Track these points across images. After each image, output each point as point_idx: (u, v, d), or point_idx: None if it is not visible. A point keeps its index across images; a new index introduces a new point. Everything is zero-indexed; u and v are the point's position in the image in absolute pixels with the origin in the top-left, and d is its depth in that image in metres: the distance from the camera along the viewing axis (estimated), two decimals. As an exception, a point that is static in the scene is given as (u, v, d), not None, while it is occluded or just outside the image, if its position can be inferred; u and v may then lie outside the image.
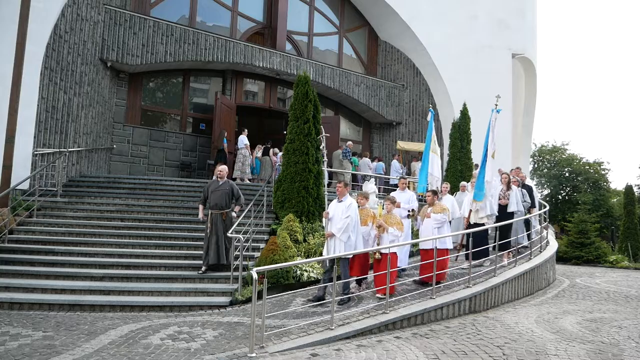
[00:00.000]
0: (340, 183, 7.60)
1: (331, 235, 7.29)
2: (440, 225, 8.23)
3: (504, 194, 9.59)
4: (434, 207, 8.33)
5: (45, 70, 11.23)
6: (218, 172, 8.97)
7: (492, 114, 9.74)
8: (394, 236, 7.39)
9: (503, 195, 9.59)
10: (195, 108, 16.38)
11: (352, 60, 19.84)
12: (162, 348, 5.46)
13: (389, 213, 7.66)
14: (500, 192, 9.64)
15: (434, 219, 8.22)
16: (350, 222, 7.20)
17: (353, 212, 7.27)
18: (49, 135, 11.55)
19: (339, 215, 7.27)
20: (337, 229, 7.19)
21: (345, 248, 7.18)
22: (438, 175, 11.06)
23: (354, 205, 7.33)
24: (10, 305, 7.23)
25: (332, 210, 7.46)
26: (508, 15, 19.74)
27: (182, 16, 16.03)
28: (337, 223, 7.23)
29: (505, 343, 5.78)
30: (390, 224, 7.48)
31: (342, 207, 7.31)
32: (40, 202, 10.36)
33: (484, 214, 9.09)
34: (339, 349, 5.35)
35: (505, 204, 9.50)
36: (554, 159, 35.77)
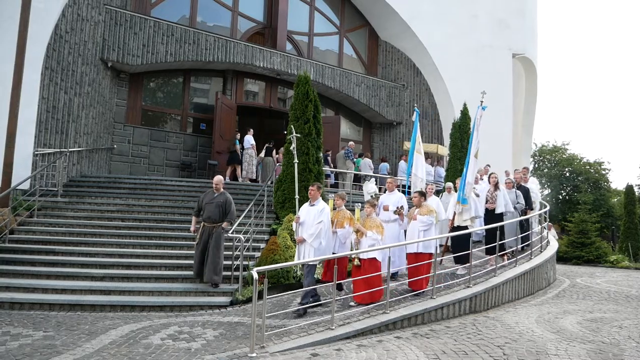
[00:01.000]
0: (313, 185, 7.26)
1: (302, 240, 6.99)
2: (426, 228, 7.76)
3: (492, 195, 9.28)
4: (421, 209, 7.92)
5: (46, 71, 11.24)
6: (215, 183, 8.44)
7: (477, 111, 9.37)
8: (373, 240, 6.99)
9: (490, 196, 9.28)
10: (196, 108, 16.38)
11: (352, 60, 19.84)
12: (163, 348, 5.47)
13: (369, 216, 7.27)
14: (488, 194, 9.35)
15: (420, 221, 7.79)
16: (322, 228, 6.89)
17: (325, 217, 6.98)
18: (50, 135, 11.56)
19: (311, 220, 6.97)
20: (308, 235, 6.90)
21: (316, 254, 6.84)
22: (422, 176, 10.68)
23: (326, 209, 7.05)
24: (11, 305, 7.24)
25: (303, 215, 7.14)
26: (508, 14, 19.74)
27: (183, 16, 16.03)
28: (309, 228, 6.94)
29: (506, 343, 5.78)
30: (369, 227, 7.10)
31: (315, 211, 7.01)
32: (41, 202, 10.37)
33: (468, 216, 8.76)
34: (340, 349, 5.35)
35: (492, 207, 9.19)
36: (554, 158, 35.74)
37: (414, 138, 10.96)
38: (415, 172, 10.68)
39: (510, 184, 10.05)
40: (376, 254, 6.99)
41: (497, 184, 9.27)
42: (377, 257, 7.00)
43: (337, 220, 7.32)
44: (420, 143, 10.90)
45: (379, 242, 7.02)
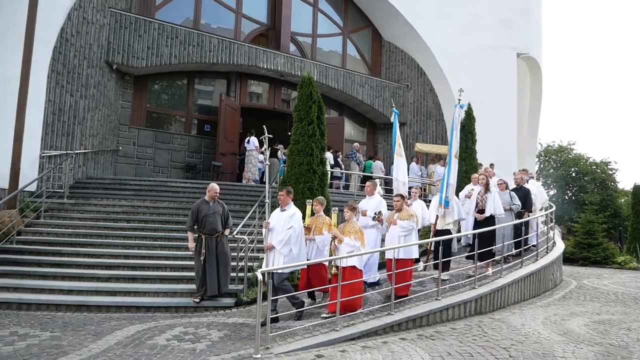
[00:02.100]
0: (282, 190, 6.95)
1: (271, 247, 6.68)
2: (407, 233, 7.42)
3: (482, 197, 8.75)
4: (401, 213, 7.53)
5: (52, 73, 11.32)
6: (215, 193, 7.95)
7: (455, 110, 8.95)
8: (351, 247, 6.51)
9: (480, 199, 8.76)
10: (200, 110, 16.43)
11: (356, 61, 19.84)
12: (168, 349, 5.49)
13: (348, 221, 6.79)
14: (478, 196, 8.82)
15: (400, 225, 7.42)
16: (292, 234, 6.60)
17: (296, 223, 6.70)
18: (56, 138, 11.63)
19: (281, 225, 6.69)
20: (277, 241, 6.61)
21: (285, 262, 6.53)
22: (404, 179, 10.13)
23: (297, 215, 6.77)
24: (18, 305, 7.30)
25: (273, 220, 6.85)
26: (512, 14, 19.69)
27: (187, 19, 16.09)
28: (278, 234, 6.65)
29: (512, 345, 5.76)
30: (347, 233, 6.61)
31: (285, 216, 6.73)
32: (48, 204, 10.44)
33: (450, 219, 8.36)
34: (344, 350, 5.35)
35: (482, 208, 8.71)
36: (560, 159, 35.62)
37: (394, 140, 10.51)
38: (397, 176, 10.02)
39: (502, 184, 9.66)
40: (355, 261, 6.56)
41: (488, 185, 8.81)
42: (356, 264, 6.57)
43: (315, 226, 7.03)
44: (400, 145, 10.37)
45: (358, 249, 6.55)
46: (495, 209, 8.65)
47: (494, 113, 17.61)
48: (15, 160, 9.63)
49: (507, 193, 9.54)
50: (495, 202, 8.66)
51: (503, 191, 9.51)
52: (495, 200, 8.68)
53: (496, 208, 8.66)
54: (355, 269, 6.55)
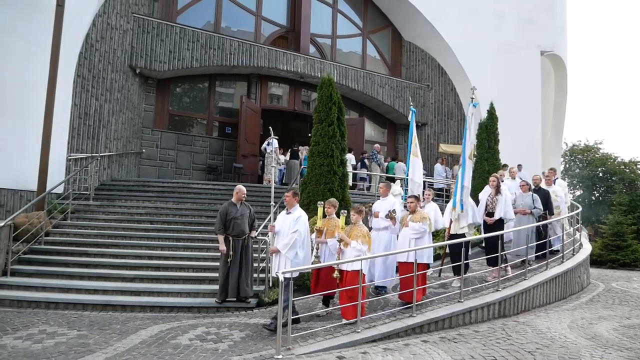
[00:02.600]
0: (289, 192, 6.75)
1: (276, 251, 6.53)
2: (419, 236, 7.17)
3: (492, 199, 8.38)
4: (414, 215, 7.30)
5: (78, 78, 11.59)
6: (242, 195, 7.86)
7: (469, 108, 8.62)
8: (357, 251, 6.31)
9: (491, 201, 8.41)
10: (221, 112, 16.61)
11: (376, 62, 19.77)
12: (191, 348, 5.56)
13: (355, 224, 6.63)
14: (488, 198, 8.46)
15: (412, 228, 7.19)
16: (298, 238, 6.43)
17: (302, 226, 6.51)
18: (82, 141, 11.91)
19: (287, 229, 6.52)
20: (282, 245, 6.44)
21: (292, 266, 6.32)
22: (419, 180, 9.72)
23: (303, 218, 6.60)
24: (46, 304, 7.48)
25: (279, 224, 6.68)
26: (536, 11, 19.34)
27: (208, 22, 16.28)
28: (284, 238, 6.49)
29: (537, 349, 5.66)
30: (354, 236, 6.43)
31: (290, 220, 6.57)
32: (74, 206, 10.68)
33: (465, 223, 7.99)
34: (365, 352, 5.33)
35: (492, 211, 8.34)
36: (586, 158, 34.86)
37: (410, 139, 10.19)
38: (412, 176, 9.67)
39: (525, 186, 9.26)
40: (359, 265, 6.26)
41: (499, 188, 8.39)
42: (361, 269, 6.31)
43: (327, 229, 6.85)
44: (416, 145, 10.03)
45: (364, 254, 6.36)
46: (506, 212, 8.29)
47: (517, 112, 17.34)
48: (43, 163, 9.87)
49: (530, 195, 9.11)
50: (505, 206, 8.29)
51: (525, 193, 9.19)
52: (506, 203, 8.31)
53: (506, 212, 8.30)
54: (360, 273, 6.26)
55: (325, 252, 6.89)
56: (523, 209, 8.93)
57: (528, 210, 8.93)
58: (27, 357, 5.23)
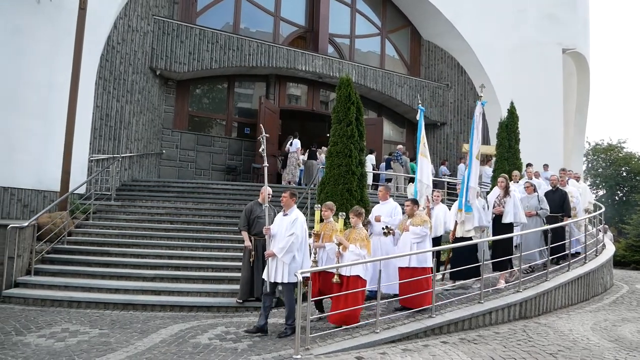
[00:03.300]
0: (286, 193, 6.41)
1: (272, 255, 6.15)
2: (420, 240, 6.93)
3: (500, 201, 8.00)
4: (414, 219, 7.06)
5: (100, 80, 11.80)
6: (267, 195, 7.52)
7: (477, 107, 8.20)
8: (356, 255, 6.14)
9: (499, 203, 8.00)
10: (240, 113, 16.72)
11: (394, 61, 19.68)
12: (210, 347, 5.60)
13: (354, 228, 6.45)
14: (496, 200, 8.07)
15: (412, 232, 6.94)
16: (295, 241, 6.09)
17: (299, 229, 6.16)
18: (103, 142, 12.12)
19: (283, 232, 6.17)
20: (279, 249, 6.08)
21: (290, 271, 6.07)
22: (428, 182, 9.28)
23: (300, 220, 6.24)
24: (69, 303, 7.63)
25: (275, 226, 6.34)
26: (558, 8, 19.00)
27: (227, 23, 16.41)
28: (280, 241, 6.13)
29: (559, 351, 5.56)
30: (352, 240, 6.26)
31: (287, 222, 6.21)
32: (96, 206, 10.87)
33: (471, 226, 7.63)
34: (384, 353, 5.31)
35: (500, 212, 7.96)
36: (609, 157, 34.16)
37: (418, 139, 9.81)
38: (420, 177, 9.24)
39: (530, 187, 8.88)
40: (360, 270, 6.16)
41: (508, 189, 8.04)
42: (360, 274, 6.17)
43: (324, 233, 6.64)
44: (425, 145, 9.64)
45: (363, 258, 6.20)
46: (515, 215, 7.89)
47: (538, 111, 17.08)
48: (65, 164, 10.06)
49: (535, 197, 8.77)
50: (515, 208, 7.90)
51: (530, 194, 8.83)
52: (515, 205, 7.92)
53: (516, 214, 7.90)
54: (359, 279, 6.16)
55: (323, 256, 6.67)
56: (529, 211, 8.55)
57: (534, 212, 8.59)
58: (51, 355, 5.33)
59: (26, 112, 10.50)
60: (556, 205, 9.04)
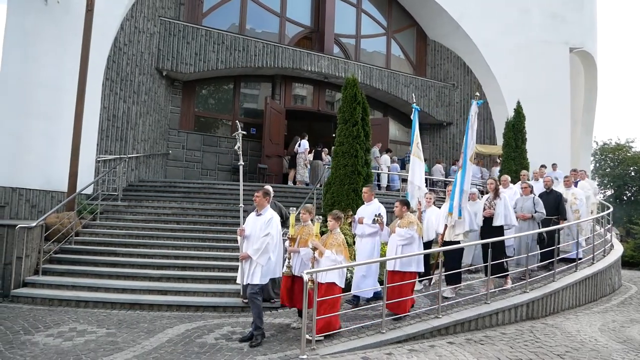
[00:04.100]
0: (259, 192, 6.12)
1: (246, 257, 5.91)
2: (406, 242, 6.66)
3: (490, 203, 7.72)
4: (401, 220, 6.80)
5: (107, 81, 11.87)
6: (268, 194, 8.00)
7: (472, 107, 7.91)
8: (331, 261, 5.85)
9: (489, 205, 7.72)
10: (246, 113, 16.76)
11: (400, 61, 19.64)
12: (217, 347, 5.62)
13: (331, 232, 6.17)
14: (486, 202, 7.79)
15: (398, 234, 6.70)
16: (270, 242, 5.87)
17: (274, 229, 5.96)
18: (110, 143, 12.18)
19: (257, 232, 5.93)
20: (253, 250, 5.84)
21: (264, 273, 5.86)
22: (420, 183, 8.85)
23: (275, 220, 6.04)
24: (76, 303, 7.68)
25: (249, 226, 6.09)
26: (564, 7, 18.90)
27: (233, 24, 16.45)
28: (255, 242, 5.89)
29: (567, 352, 5.53)
30: (328, 245, 5.98)
31: (261, 222, 5.96)
32: (103, 206, 10.93)
33: (461, 230, 7.34)
34: (390, 353, 5.30)
35: (490, 215, 7.66)
36: (617, 157, 33.91)
37: (412, 139, 9.39)
38: (412, 179, 8.86)
39: (527, 188, 8.58)
40: (335, 277, 5.84)
41: (498, 191, 7.81)
42: (336, 280, 5.85)
43: (300, 237, 6.34)
44: (418, 145, 9.20)
45: (340, 264, 5.91)
46: (506, 217, 7.59)
47: (545, 111, 16.99)
48: (73, 164, 10.13)
49: (531, 198, 8.43)
50: (505, 210, 7.60)
51: (527, 195, 8.53)
52: (506, 207, 7.62)
53: (506, 216, 7.60)
54: (335, 286, 5.85)
55: (298, 261, 6.33)
56: (523, 213, 8.25)
57: (529, 215, 8.26)
58: (58, 354, 5.37)
59: (34, 113, 10.60)
60: (551, 208, 8.66)
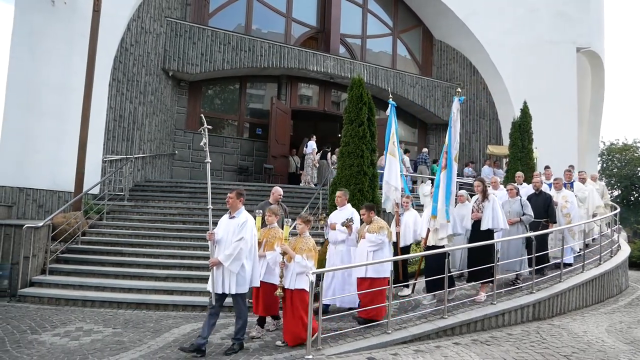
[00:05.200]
0: (232, 193, 5.68)
1: (217, 263, 5.38)
2: (376, 248, 6.46)
3: (478, 206, 7.40)
4: (371, 226, 6.58)
5: (113, 82, 11.93)
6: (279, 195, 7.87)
7: (454, 104, 7.50)
8: (301, 267, 5.57)
9: (477, 208, 7.40)
10: (252, 113, 16.79)
11: (406, 61, 19.61)
12: (223, 347, 5.63)
13: (301, 236, 5.85)
14: (474, 205, 7.48)
15: (368, 240, 6.48)
16: (244, 247, 5.38)
17: (248, 233, 5.48)
18: (117, 143, 12.24)
19: (229, 236, 5.45)
20: (225, 256, 5.33)
21: (238, 281, 5.42)
22: (396, 184, 8.37)
23: (249, 223, 5.55)
24: (83, 302, 7.73)
25: (220, 230, 5.59)
26: (571, 6, 18.77)
27: (239, 25, 16.50)
28: (226, 248, 5.39)
29: (573, 353, 5.49)
30: (299, 250, 5.64)
31: (234, 225, 5.49)
32: (109, 206, 10.99)
33: (444, 234, 7.00)
34: (396, 354, 5.29)
35: (478, 218, 7.31)
36: (624, 157, 33.66)
37: (387, 137, 8.91)
38: (388, 179, 8.40)
39: (512, 190, 8.22)
40: (305, 284, 5.51)
41: (486, 193, 7.42)
42: (305, 287, 5.52)
43: (266, 240, 6.04)
44: (395, 143, 8.72)
45: (309, 270, 5.56)
46: (494, 219, 7.20)
47: (552, 111, 16.91)
48: (80, 165, 10.19)
49: (518, 201, 8.11)
50: (494, 212, 7.23)
51: (513, 198, 8.19)
52: (494, 210, 7.25)
53: (494, 218, 7.20)
54: (304, 293, 5.56)
55: (264, 267, 6.00)
56: (510, 218, 7.84)
57: (516, 218, 7.93)
58: (65, 353, 5.40)
59: (41, 114, 10.68)
60: (539, 210, 8.30)
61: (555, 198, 8.98)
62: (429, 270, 7.15)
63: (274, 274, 5.91)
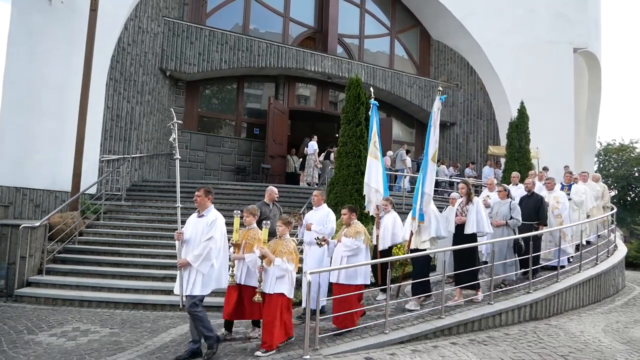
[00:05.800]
0: (200, 191, 5.47)
1: (185, 264, 5.19)
2: (352, 253, 6.20)
3: (462, 209, 7.15)
4: (348, 229, 6.33)
5: (110, 81, 11.90)
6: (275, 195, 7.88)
7: (435, 102, 7.29)
8: (281, 270, 5.39)
9: (461, 210, 7.16)
10: (249, 113, 16.78)
11: (404, 62, 19.63)
12: (220, 347, 5.62)
13: (281, 238, 5.66)
14: (458, 208, 7.23)
15: (344, 244, 6.23)
16: (213, 247, 5.21)
17: (218, 232, 5.30)
18: (114, 143, 12.21)
19: (198, 236, 5.26)
20: (194, 257, 5.16)
21: (204, 282, 5.18)
22: (376, 186, 8.22)
23: (219, 222, 5.37)
24: (80, 302, 7.72)
25: (189, 229, 5.38)
26: (568, 7, 18.82)
27: (236, 24, 16.48)
28: (195, 248, 5.22)
29: (570, 352, 5.51)
30: (279, 252, 5.46)
31: (202, 224, 5.31)
32: (107, 206, 10.96)
33: (427, 236, 6.81)
34: (394, 354, 5.29)
35: (462, 222, 7.08)
36: (621, 158, 33.76)
37: (369, 138, 8.78)
38: (368, 180, 8.26)
39: (502, 192, 7.98)
40: (285, 288, 5.40)
41: (470, 196, 7.16)
42: (284, 291, 5.40)
43: (245, 242, 5.83)
44: (376, 144, 8.53)
45: (289, 274, 5.43)
46: (478, 222, 7.00)
47: (549, 111, 16.96)
48: (77, 164, 10.15)
49: (507, 203, 7.84)
50: (478, 215, 7.02)
51: (503, 200, 7.94)
52: (478, 213, 7.04)
53: (478, 222, 7.00)
54: (284, 297, 5.44)
55: (243, 269, 5.81)
56: (497, 220, 7.67)
57: (503, 222, 7.68)
58: (62, 354, 5.39)
59: (39, 113, 10.65)
60: (531, 212, 8.14)
61: (546, 199, 8.82)
62: (414, 275, 7.01)
63: (253, 277, 5.70)
